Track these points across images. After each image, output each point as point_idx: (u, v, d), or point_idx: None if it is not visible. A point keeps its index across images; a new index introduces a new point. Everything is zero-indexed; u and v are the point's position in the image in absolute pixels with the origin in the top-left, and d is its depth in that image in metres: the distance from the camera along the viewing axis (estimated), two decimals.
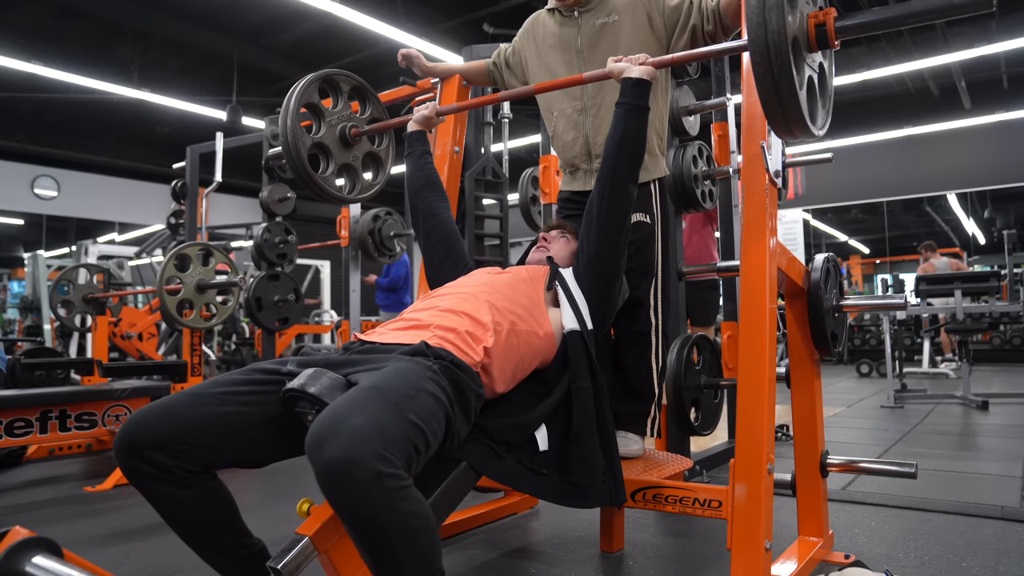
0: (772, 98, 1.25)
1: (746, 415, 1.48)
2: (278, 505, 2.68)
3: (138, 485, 1.20)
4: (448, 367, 1.28)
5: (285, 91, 2.01)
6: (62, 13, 6.92)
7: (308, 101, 2.02)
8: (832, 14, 1.31)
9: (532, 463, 1.44)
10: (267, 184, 4.47)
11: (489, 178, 3.00)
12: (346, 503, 0.97)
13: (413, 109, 2.13)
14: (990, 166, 9.60)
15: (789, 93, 1.23)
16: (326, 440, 0.97)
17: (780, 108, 1.26)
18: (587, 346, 1.56)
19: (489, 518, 2.38)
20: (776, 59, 1.21)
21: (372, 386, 1.11)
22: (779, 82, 1.22)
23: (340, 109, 2.13)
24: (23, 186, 10.43)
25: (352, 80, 2.18)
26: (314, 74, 2.06)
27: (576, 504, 1.47)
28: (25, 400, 2.88)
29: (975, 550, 2.00)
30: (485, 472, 1.37)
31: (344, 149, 2.13)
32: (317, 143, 2.05)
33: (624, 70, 1.65)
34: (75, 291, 4.82)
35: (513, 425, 1.43)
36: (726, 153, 2.85)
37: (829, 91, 1.46)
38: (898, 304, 1.95)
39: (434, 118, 2.02)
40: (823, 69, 1.41)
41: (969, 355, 5.45)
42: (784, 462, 1.81)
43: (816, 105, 1.37)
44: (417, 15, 6.85)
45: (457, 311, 1.47)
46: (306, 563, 1.14)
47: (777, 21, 1.20)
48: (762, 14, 1.20)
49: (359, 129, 2.14)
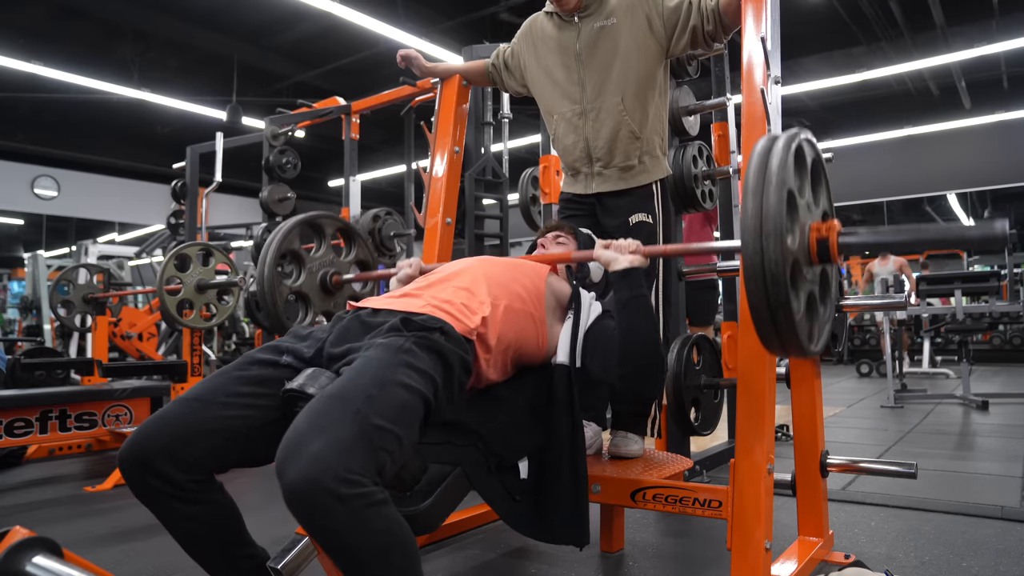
0: (768, 327, 1.13)
1: (746, 415, 1.48)
2: (278, 505, 2.66)
3: (146, 501, 1.18)
4: (424, 337, 1.24)
5: (285, 91, 2.00)
6: (62, 13, 6.92)
7: (289, 248, 1.95)
8: (836, 229, 1.18)
9: (511, 487, 1.43)
10: (267, 184, 4.46)
11: (489, 178, 3.00)
12: (313, 525, 0.97)
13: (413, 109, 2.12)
14: (990, 166, 9.60)
15: (787, 323, 1.11)
16: (287, 464, 0.97)
17: (776, 337, 1.14)
18: (571, 383, 1.50)
19: (489, 518, 2.38)
20: (773, 290, 1.08)
21: (334, 394, 1.08)
22: (775, 313, 1.10)
23: (323, 254, 2.04)
24: (23, 186, 10.44)
25: (337, 222, 2.09)
26: (296, 218, 1.98)
27: (541, 538, 1.47)
28: (25, 400, 2.88)
29: (975, 550, 2.00)
30: (473, 484, 1.37)
31: (325, 297, 2.04)
32: (296, 291, 1.98)
33: (611, 261, 1.52)
34: (75, 291, 4.81)
35: (510, 444, 1.43)
36: (726, 153, 2.85)
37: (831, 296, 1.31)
38: (898, 304, 1.95)
39: (417, 275, 1.82)
40: (825, 275, 1.27)
41: (969, 355, 5.45)
42: (784, 462, 1.81)
43: (815, 320, 1.23)
44: (417, 15, 6.85)
45: (455, 285, 1.46)
46: (306, 563, 1.14)
47: (775, 250, 1.06)
48: (759, 240, 1.07)
49: (340, 277, 2.05)
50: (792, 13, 6.53)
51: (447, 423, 1.32)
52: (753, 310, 1.13)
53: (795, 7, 6.63)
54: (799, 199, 1.16)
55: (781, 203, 1.07)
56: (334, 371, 1.24)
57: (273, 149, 4.17)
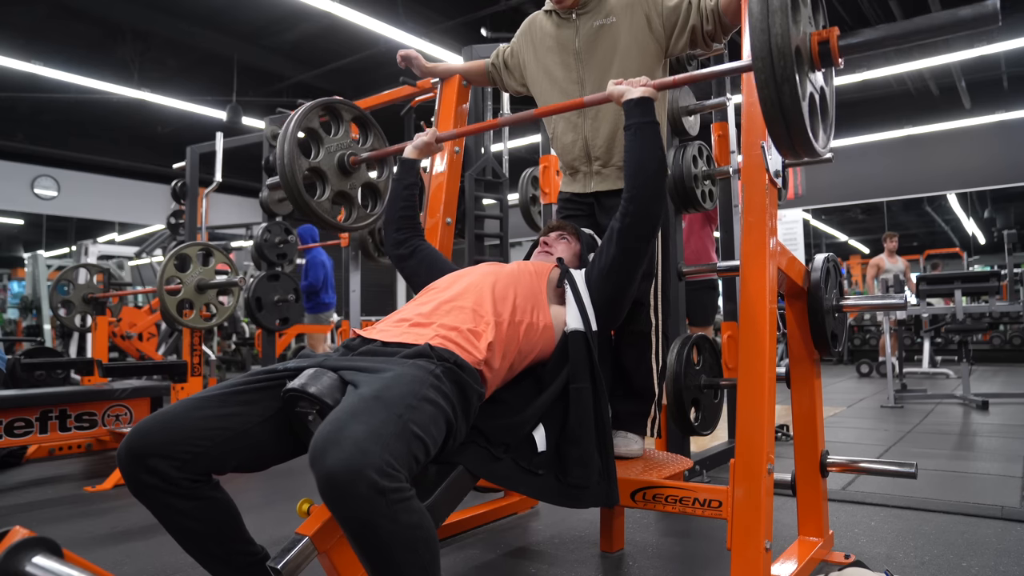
0: (775, 108, 1.20)
1: (746, 415, 1.48)
2: (278, 505, 2.68)
3: (144, 498, 1.19)
4: (451, 369, 1.27)
5: (285, 91, 2.01)
6: (62, 13, 6.93)
7: (308, 126, 2.00)
8: (835, 32, 1.27)
9: (529, 464, 1.44)
10: (267, 184, 4.47)
11: (489, 178, 3.00)
12: (347, 514, 0.97)
13: (413, 109, 2.13)
14: (990, 166, 9.60)
15: (792, 101, 1.18)
16: (328, 450, 0.97)
17: (783, 118, 1.21)
18: (590, 348, 1.55)
19: (489, 518, 2.38)
20: (780, 64, 1.16)
21: (375, 395, 1.10)
22: (782, 88, 1.17)
23: (340, 136, 2.11)
24: (23, 186, 10.44)
25: (354, 110, 2.16)
26: (315, 101, 2.05)
27: (573, 504, 1.48)
28: (25, 400, 2.88)
29: (975, 550, 2.00)
30: (482, 475, 1.37)
31: (342, 177, 2.11)
32: (314, 168, 2.03)
33: (624, 92, 1.60)
34: (75, 291, 4.81)
35: (508, 426, 1.43)
36: (726, 153, 2.85)
37: (830, 116, 1.39)
38: (898, 304, 1.95)
39: (433, 144, 1.98)
40: (824, 93, 1.36)
41: (969, 355, 5.45)
42: (784, 462, 1.81)
43: (817, 123, 1.32)
44: (417, 15, 6.86)
45: (460, 305, 1.47)
46: (306, 563, 1.14)
47: (781, 25, 1.15)
48: (766, 19, 1.16)
49: (357, 157, 2.12)
50: None
51: None
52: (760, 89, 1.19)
53: None
54: (803, 6, 1.25)
55: None
56: (340, 376, 1.24)
57: (273, 149, 4.17)
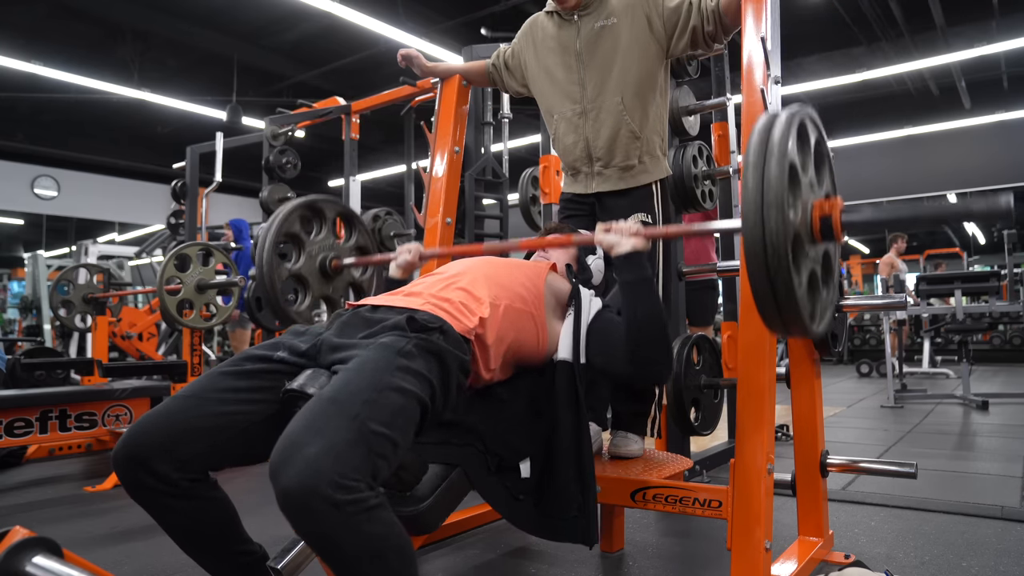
0: (768, 300, 1.09)
1: (746, 415, 1.48)
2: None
3: (141, 499, 1.17)
4: (425, 340, 1.22)
5: (285, 91, 1.99)
6: (62, 13, 6.92)
7: (288, 231, 1.92)
8: (839, 207, 1.14)
9: (513, 487, 1.43)
10: (267, 184, 4.46)
11: (489, 178, 3.00)
12: (307, 530, 0.96)
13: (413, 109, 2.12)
14: (990, 166, 9.60)
15: (787, 292, 1.06)
16: (281, 469, 0.96)
17: (776, 306, 1.09)
18: (575, 380, 1.49)
19: (489, 518, 2.38)
20: (774, 261, 1.04)
21: (331, 397, 1.06)
22: (775, 282, 1.06)
23: (323, 238, 2.01)
24: (23, 186, 10.43)
25: (337, 207, 2.07)
26: (297, 201, 1.96)
27: (547, 536, 1.46)
28: (25, 400, 2.88)
29: (975, 550, 2.00)
30: (474, 484, 1.36)
31: (324, 281, 2.02)
32: (295, 274, 1.96)
33: (614, 245, 1.48)
34: (75, 291, 4.81)
35: (510, 445, 1.42)
36: (726, 153, 2.85)
37: (833, 280, 1.28)
38: (898, 304, 1.95)
39: (417, 263, 1.85)
40: (828, 256, 1.22)
41: (969, 355, 5.45)
42: (784, 462, 1.81)
43: (817, 300, 1.19)
44: (417, 15, 6.85)
45: (455, 285, 1.45)
46: (306, 563, 1.14)
47: (776, 221, 1.03)
48: (759, 212, 1.04)
49: (340, 262, 2.03)
50: (792, 13, 6.53)
51: (447, 423, 1.32)
52: (754, 286, 1.08)
53: (795, 7, 6.63)
54: (802, 175, 1.12)
55: (783, 174, 1.04)
56: (331, 369, 1.23)
57: (273, 149, 4.17)
